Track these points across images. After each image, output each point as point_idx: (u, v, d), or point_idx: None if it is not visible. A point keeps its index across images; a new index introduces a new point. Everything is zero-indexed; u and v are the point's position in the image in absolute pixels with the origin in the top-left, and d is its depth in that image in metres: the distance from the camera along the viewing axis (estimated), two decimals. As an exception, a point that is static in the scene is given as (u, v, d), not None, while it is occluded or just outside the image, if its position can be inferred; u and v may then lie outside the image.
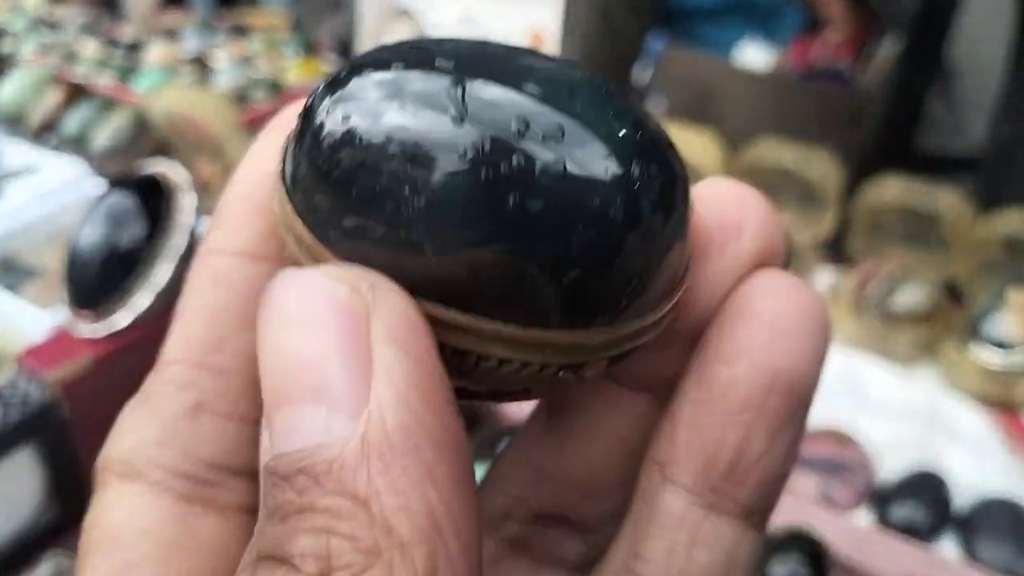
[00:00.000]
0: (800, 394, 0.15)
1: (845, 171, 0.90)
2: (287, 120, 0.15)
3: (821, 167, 0.86)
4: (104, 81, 1.18)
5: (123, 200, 0.64)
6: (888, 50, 1.35)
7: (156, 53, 1.23)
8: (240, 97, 1.12)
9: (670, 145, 0.14)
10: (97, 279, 0.63)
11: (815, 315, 0.15)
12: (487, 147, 0.12)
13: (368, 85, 0.13)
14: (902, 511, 0.64)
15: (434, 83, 0.12)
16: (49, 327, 0.65)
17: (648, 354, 0.15)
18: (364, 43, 1.19)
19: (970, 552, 0.62)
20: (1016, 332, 0.72)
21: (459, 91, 0.12)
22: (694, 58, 1.32)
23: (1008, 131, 1.15)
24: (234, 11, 1.54)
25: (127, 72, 1.19)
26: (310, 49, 1.27)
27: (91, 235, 0.64)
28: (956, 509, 0.65)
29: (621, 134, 0.13)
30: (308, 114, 0.13)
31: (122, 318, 0.62)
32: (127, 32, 1.35)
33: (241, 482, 0.15)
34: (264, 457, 0.13)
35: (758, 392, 0.14)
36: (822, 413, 0.72)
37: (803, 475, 0.66)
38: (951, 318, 0.78)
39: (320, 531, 0.12)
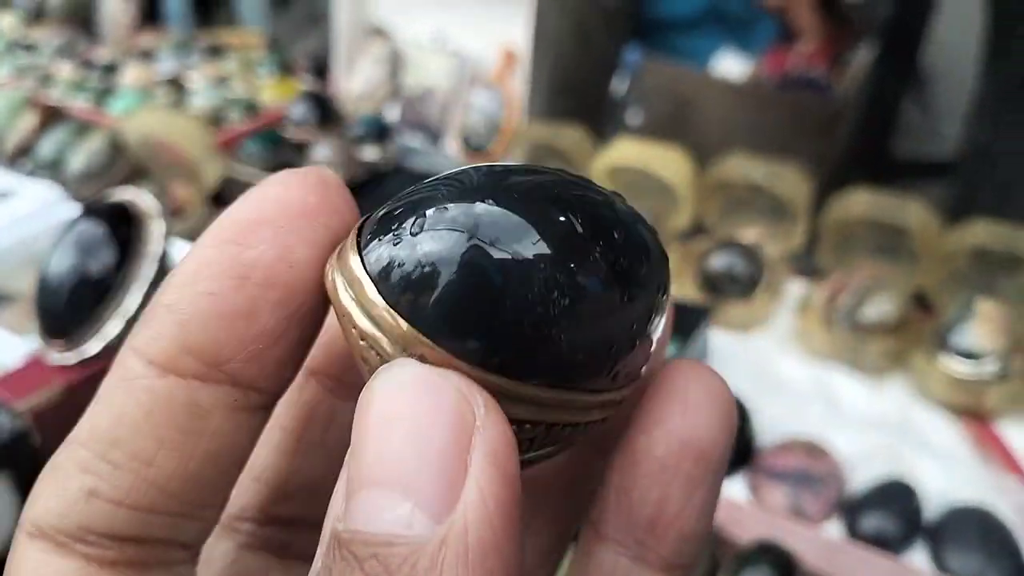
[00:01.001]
0: (710, 459, 0.17)
1: (821, 177, 0.91)
2: (225, 235, 0.16)
3: (791, 182, 0.87)
4: (80, 104, 1.18)
5: (92, 228, 0.64)
6: (863, 58, 1.37)
7: (131, 75, 1.23)
8: (215, 118, 1.12)
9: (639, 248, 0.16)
10: (67, 307, 0.63)
11: (723, 395, 0.17)
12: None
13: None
14: (872, 521, 0.64)
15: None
16: (24, 354, 0.65)
17: None
18: (339, 61, 1.20)
19: (940, 562, 0.63)
20: (985, 342, 0.73)
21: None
22: (671, 69, 1.32)
23: (982, 136, 1.16)
24: (210, 30, 1.54)
25: (103, 94, 1.20)
26: (285, 69, 1.27)
27: (60, 263, 0.64)
28: (927, 519, 0.66)
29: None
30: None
31: (92, 346, 0.62)
32: (103, 54, 1.35)
33: (130, 546, 0.16)
34: (336, 524, 0.13)
35: (672, 456, 0.17)
36: (793, 425, 0.72)
37: (774, 487, 0.66)
38: (920, 329, 0.79)
39: None
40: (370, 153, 0.99)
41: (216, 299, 0.15)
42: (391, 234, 0.15)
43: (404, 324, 0.14)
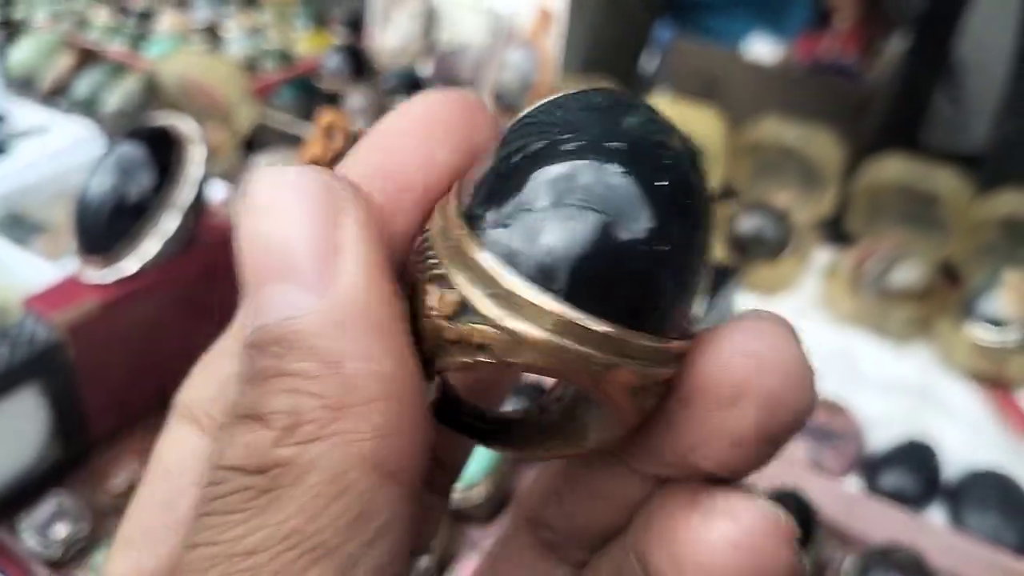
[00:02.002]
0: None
1: (848, 163, 0.91)
2: (373, 144, 0.17)
3: (822, 146, 0.87)
4: (115, 48, 1.18)
5: (133, 151, 0.65)
6: (896, 47, 1.36)
7: (167, 22, 1.24)
8: (250, 66, 1.13)
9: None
10: (106, 226, 0.64)
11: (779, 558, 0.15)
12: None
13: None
14: (891, 479, 0.65)
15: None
16: (58, 277, 0.66)
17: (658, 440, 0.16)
18: (375, 15, 1.20)
19: (957, 520, 0.63)
20: (1010, 310, 0.73)
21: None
22: (701, 48, 1.32)
23: (1011, 128, 1.16)
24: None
25: (138, 39, 1.20)
26: (320, 22, 1.28)
27: (101, 184, 0.64)
28: (945, 479, 0.66)
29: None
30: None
31: (130, 265, 0.63)
32: (139, 2, 1.36)
33: None
34: (245, 334, 0.15)
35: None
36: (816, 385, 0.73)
37: (794, 440, 0.67)
38: (946, 297, 0.79)
39: (290, 391, 0.14)
40: (403, 106, 0.99)
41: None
42: (511, 207, 0.15)
43: (554, 304, 0.14)
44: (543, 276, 0.14)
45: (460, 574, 0.58)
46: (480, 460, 0.61)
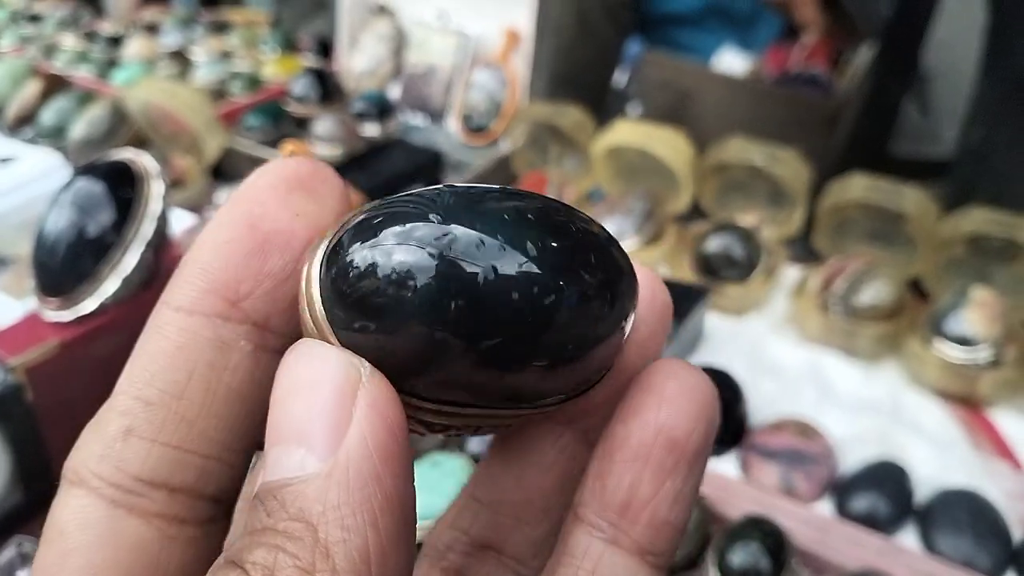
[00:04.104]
0: (683, 449, 0.18)
1: (820, 175, 0.92)
2: (240, 198, 0.19)
3: (790, 165, 0.87)
4: (83, 74, 1.18)
5: (90, 186, 0.64)
6: (864, 56, 1.37)
7: (135, 47, 1.23)
8: (218, 91, 1.12)
9: (595, 261, 0.17)
10: (64, 265, 0.63)
11: (701, 389, 0.18)
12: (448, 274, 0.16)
13: (386, 235, 0.16)
14: (863, 502, 0.65)
15: (427, 232, 0.16)
16: (20, 316, 0.65)
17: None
18: (343, 39, 1.20)
19: (930, 543, 0.63)
20: (978, 329, 0.73)
21: (442, 238, 0.16)
22: (671, 63, 1.33)
23: (978, 135, 1.16)
24: (214, 9, 1.54)
25: (106, 65, 1.20)
26: (289, 46, 1.27)
27: (58, 220, 0.63)
28: (917, 501, 0.66)
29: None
30: (337, 249, 0.16)
31: (89, 304, 0.62)
32: (107, 27, 1.35)
33: (160, 494, 0.17)
34: (256, 487, 0.16)
35: (645, 445, 0.18)
36: (786, 407, 0.73)
37: (765, 466, 0.67)
38: (915, 315, 0.79)
39: (273, 547, 0.15)
40: (371, 129, 0.99)
41: (233, 244, 0.18)
42: (367, 242, 0.16)
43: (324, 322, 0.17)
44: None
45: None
46: (444, 494, 0.60)
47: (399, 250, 0.15)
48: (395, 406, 0.16)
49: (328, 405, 0.15)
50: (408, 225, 0.16)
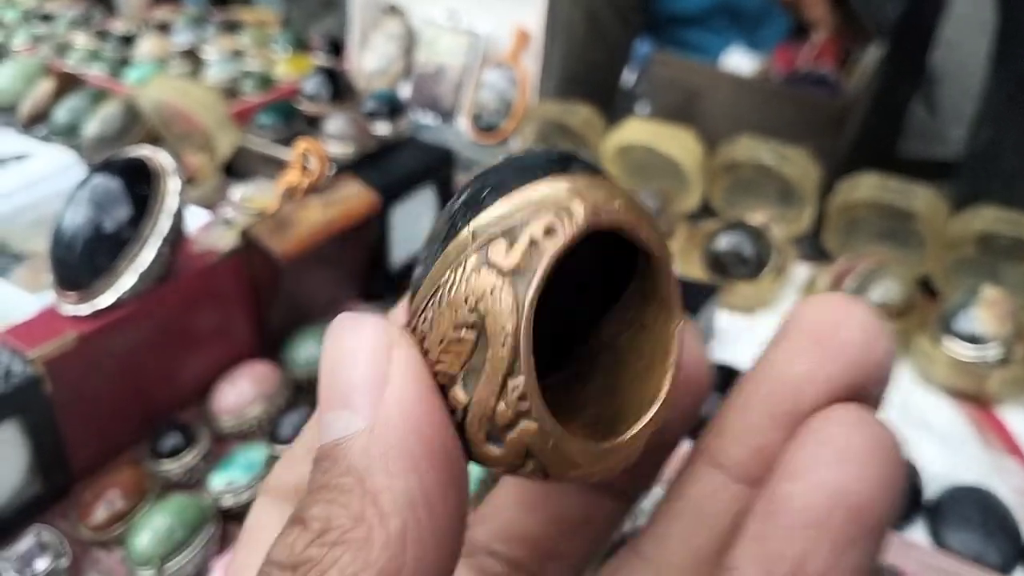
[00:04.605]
0: (865, 518, 0.15)
1: (827, 175, 0.92)
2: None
3: (800, 164, 0.88)
4: (95, 73, 1.18)
5: (107, 182, 0.65)
6: (872, 57, 1.37)
7: (147, 46, 1.24)
8: (230, 90, 1.13)
9: None
10: (81, 260, 0.64)
11: (886, 445, 0.16)
12: None
13: None
14: (872, 498, 0.65)
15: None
16: (37, 310, 0.65)
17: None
18: (354, 38, 1.20)
19: (939, 539, 0.63)
20: (988, 327, 0.74)
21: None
22: (680, 62, 1.33)
23: (986, 136, 1.17)
24: (225, 9, 1.55)
25: (118, 64, 1.20)
26: (300, 45, 1.28)
27: (75, 216, 0.64)
28: (927, 497, 0.66)
29: None
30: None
31: (106, 299, 0.63)
32: (119, 26, 1.36)
33: None
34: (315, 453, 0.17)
35: (820, 510, 0.16)
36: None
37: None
38: (924, 314, 0.79)
39: (327, 501, 0.16)
40: (382, 128, 0.99)
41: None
42: None
43: None
44: None
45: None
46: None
47: None
48: (423, 361, 0.17)
49: (367, 368, 0.17)
50: None
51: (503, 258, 0.16)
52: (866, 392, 0.18)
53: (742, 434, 0.18)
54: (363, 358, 0.17)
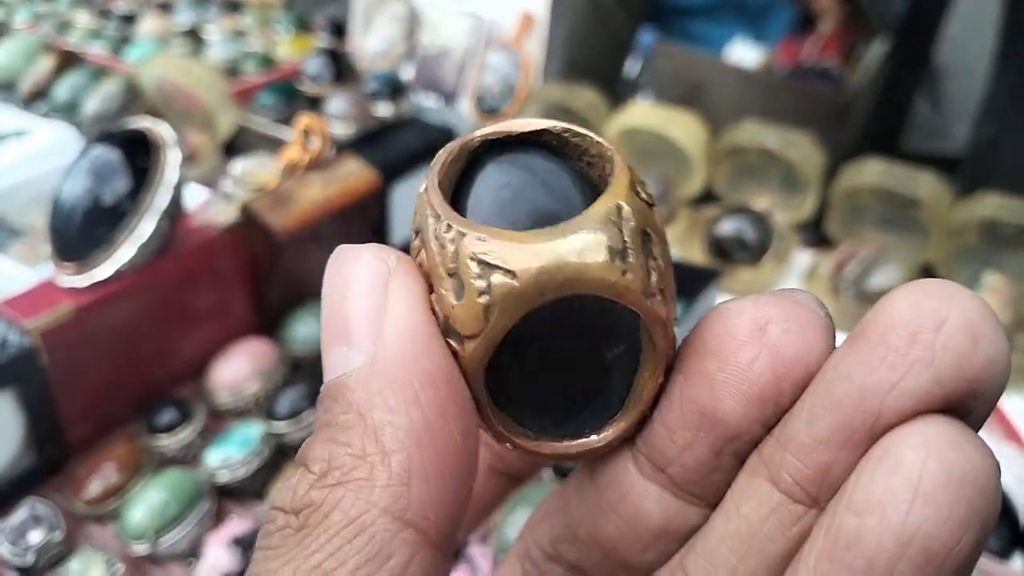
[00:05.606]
0: (938, 563, 0.13)
1: (830, 168, 0.92)
2: None
3: (803, 149, 0.87)
4: (96, 51, 1.18)
5: (107, 154, 0.64)
6: (876, 51, 1.37)
7: (149, 24, 1.23)
8: (231, 70, 1.12)
9: None
10: (80, 231, 0.63)
11: (971, 477, 0.13)
12: None
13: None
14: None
15: None
16: (34, 282, 0.65)
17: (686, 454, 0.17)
18: (356, 19, 1.20)
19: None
20: (989, 315, 0.73)
21: None
22: (683, 53, 1.32)
23: (989, 131, 1.16)
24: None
25: (120, 42, 1.20)
26: (302, 26, 1.27)
27: (74, 188, 0.64)
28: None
29: None
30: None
31: (104, 270, 0.62)
32: (120, 5, 1.36)
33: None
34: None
35: (887, 553, 0.14)
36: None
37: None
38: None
39: (328, 440, 0.16)
40: (384, 109, 0.99)
41: None
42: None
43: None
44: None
45: None
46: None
47: None
48: (422, 289, 0.16)
49: (363, 301, 0.16)
50: None
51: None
52: (964, 408, 0.14)
53: (807, 448, 0.15)
54: (361, 290, 0.16)
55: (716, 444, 0.17)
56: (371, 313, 0.16)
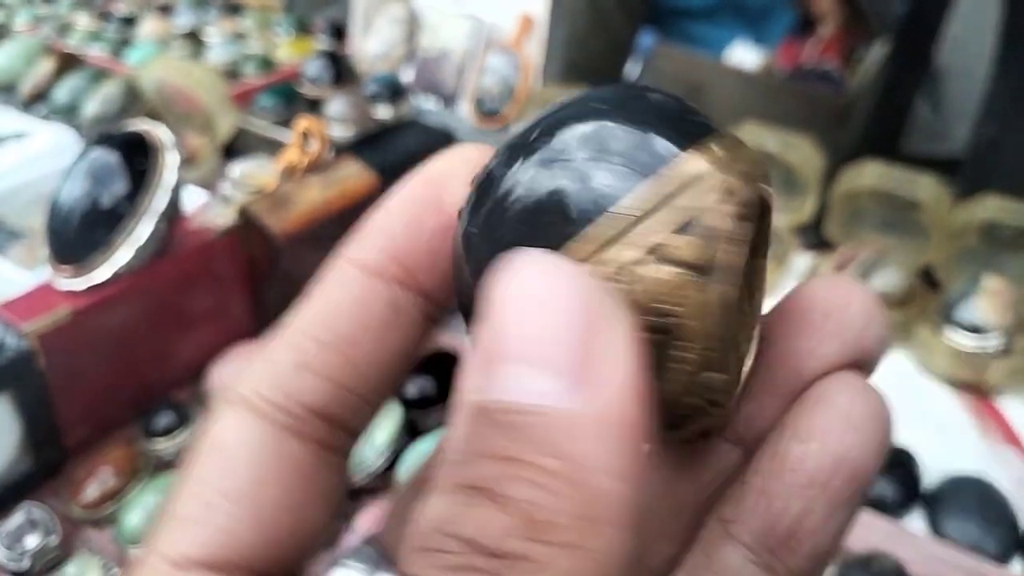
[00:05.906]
0: (859, 482, 0.17)
1: (830, 171, 0.91)
2: (427, 178, 0.19)
3: (803, 152, 0.87)
4: (96, 53, 1.18)
5: (105, 156, 0.64)
6: (877, 53, 1.37)
7: (149, 27, 1.24)
8: (231, 72, 1.12)
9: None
10: (77, 233, 0.63)
11: (883, 416, 0.17)
12: None
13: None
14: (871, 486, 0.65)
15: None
16: (32, 285, 0.65)
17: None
18: (356, 22, 1.20)
19: (938, 528, 0.63)
20: (990, 317, 0.73)
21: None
22: (683, 56, 1.32)
23: (989, 132, 1.16)
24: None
25: (120, 45, 1.20)
26: (302, 28, 1.27)
27: (72, 190, 0.64)
28: (925, 487, 0.66)
29: None
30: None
31: (102, 273, 0.62)
32: (121, 7, 1.36)
33: (322, 424, 0.18)
34: (473, 395, 0.14)
35: (824, 472, 0.17)
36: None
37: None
38: (926, 303, 0.79)
39: (530, 483, 0.13)
40: (383, 111, 0.99)
41: (417, 223, 0.19)
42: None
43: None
44: None
45: None
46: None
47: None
48: (639, 348, 0.14)
49: (577, 331, 0.14)
50: None
51: (683, 252, 0.15)
52: (861, 369, 0.18)
53: (745, 403, 0.18)
54: (572, 316, 0.14)
55: None
56: (585, 348, 0.13)
